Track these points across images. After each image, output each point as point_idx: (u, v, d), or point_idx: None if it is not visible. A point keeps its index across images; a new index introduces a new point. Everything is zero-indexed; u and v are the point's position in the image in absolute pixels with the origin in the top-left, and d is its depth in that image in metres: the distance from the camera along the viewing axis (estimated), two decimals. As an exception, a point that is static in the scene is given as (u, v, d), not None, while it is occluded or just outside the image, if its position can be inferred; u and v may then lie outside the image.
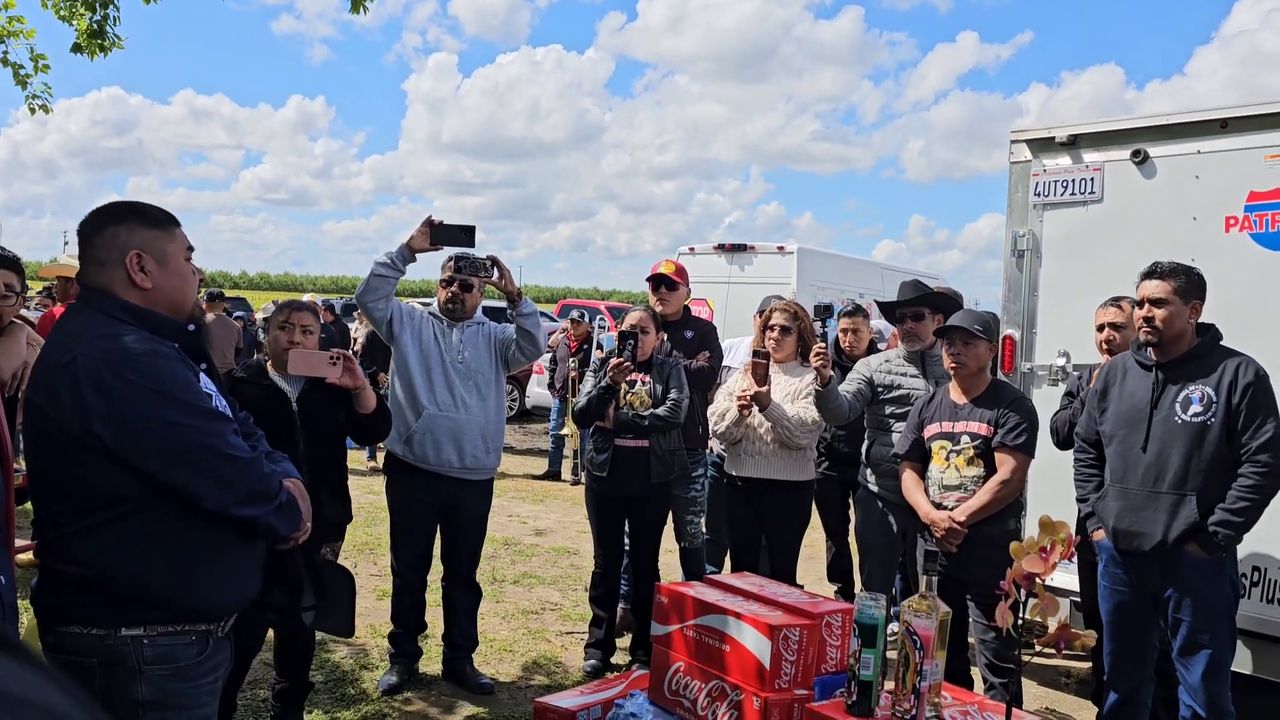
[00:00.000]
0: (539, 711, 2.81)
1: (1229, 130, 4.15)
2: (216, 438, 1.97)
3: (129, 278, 2.01)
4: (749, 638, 2.41)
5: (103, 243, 2.02)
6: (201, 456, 1.95)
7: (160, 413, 1.90)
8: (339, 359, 3.45)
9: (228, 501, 1.99)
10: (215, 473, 1.96)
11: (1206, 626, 3.26)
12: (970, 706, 2.42)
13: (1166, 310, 3.31)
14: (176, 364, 1.99)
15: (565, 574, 6.41)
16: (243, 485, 2.01)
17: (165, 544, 1.96)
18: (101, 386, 1.87)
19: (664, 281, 5.09)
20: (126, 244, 2.01)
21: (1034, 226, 4.76)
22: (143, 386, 1.90)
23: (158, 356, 1.94)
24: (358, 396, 3.55)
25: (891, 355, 4.55)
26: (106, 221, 2.05)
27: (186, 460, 1.93)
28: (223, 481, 1.97)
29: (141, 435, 1.90)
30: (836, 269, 11.43)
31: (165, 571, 1.95)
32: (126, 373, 1.89)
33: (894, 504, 4.28)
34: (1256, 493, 3.18)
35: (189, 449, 1.93)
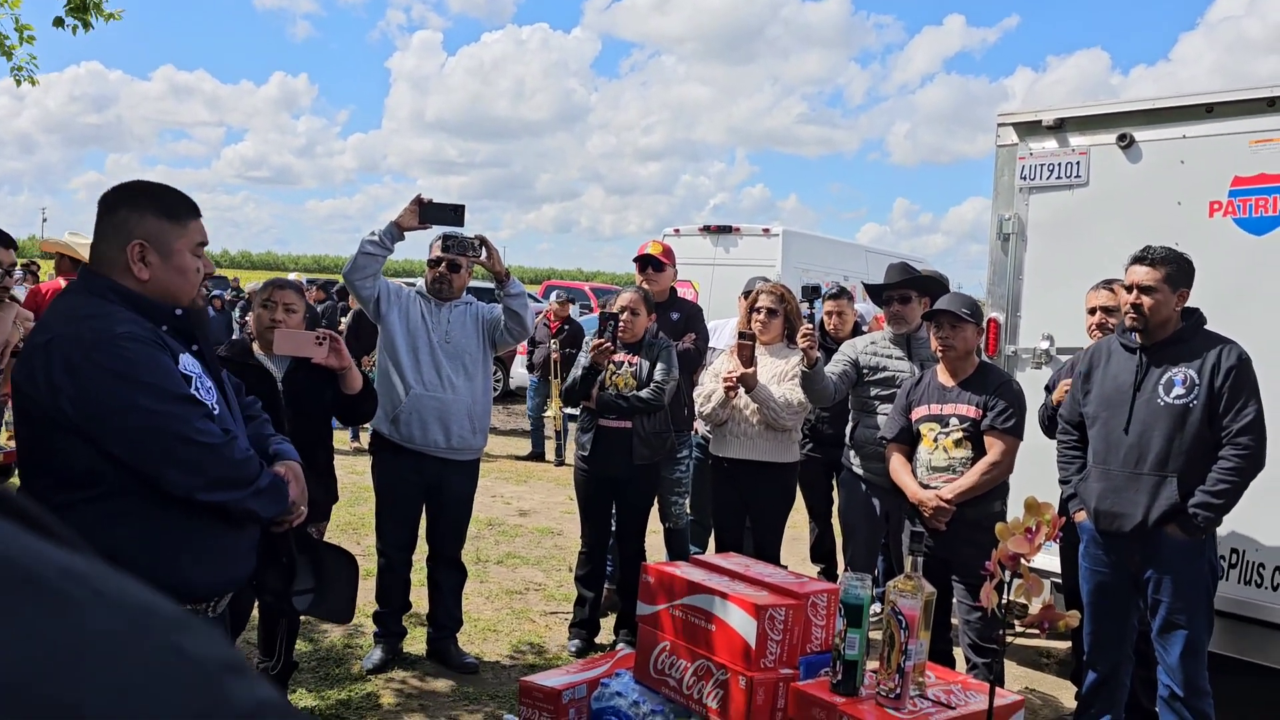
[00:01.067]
0: (524, 690, 2.81)
1: (1214, 115, 4.17)
2: (183, 423, 1.95)
3: (128, 265, 2.00)
4: (735, 617, 2.42)
5: (113, 224, 2.02)
6: (165, 442, 1.94)
7: (125, 397, 1.90)
8: (325, 339, 3.43)
9: (194, 487, 1.97)
10: (180, 458, 1.95)
11: (1185, 607, 3.30)
12: (954, 686, 2.43)
13: (1154, 298, 3.32)
14: (151, 348, 1.97)
15: (549, 554, 6.42)
16: (211, 471, 1.99)
17: (145, 524, 1.95)
18: (71, 368, 1.87)
19: (651, 262, 5.08)
20: (132, 232, 2.00)
21: (1019, 210, 4.77)
22: (110, 370, 1.89)
23: (130, 340, 1.93)
24: (344, 377, 3.53)
25: (877, 337, 4.56)
26: (121, 203, 2.04)
27: (150, 445, 1.93)
28: (188, 467, 1.96)
29: (106, 419, 1.89)
30: (821, 251, 11.44)
31: (146, 551, 1.94)
32: (95, 355, 1.89)
33: (877, 486, 4.30)
34: (1236, 475, 3.21)
35: (153, 434, 1.92)
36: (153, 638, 0.30)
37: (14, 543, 0.29)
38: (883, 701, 2.25)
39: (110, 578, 0.30)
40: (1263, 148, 4.01)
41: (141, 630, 0.29)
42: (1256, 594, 3.94)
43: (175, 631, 0.30)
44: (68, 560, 0.30)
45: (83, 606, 0.28)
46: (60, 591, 0.28)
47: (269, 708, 0.30)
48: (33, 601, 0.27)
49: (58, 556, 0.30)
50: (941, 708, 2.28)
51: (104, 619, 0.29)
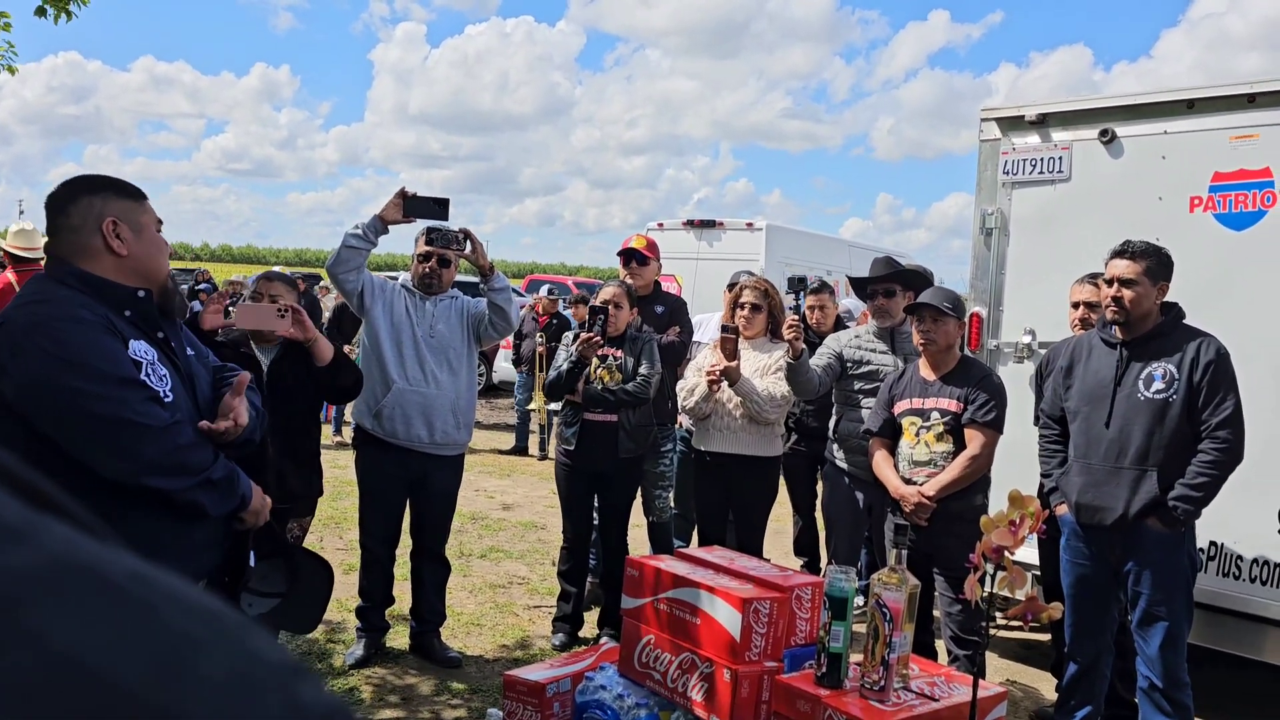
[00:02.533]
0: (508, 684, 2.81)
1: (1195, 111, 4.20)
2: (119, 405, 1.93)
3: (105, 243, 2.01)
4: (720, 611, 2.42)
5: (78, 211, 2.03)
6: (99, 425, 1.92)
7: (61, 379, 1.89)
8: (286, 310, 3.35)
9: (128, 471, 1.95)
10: (114, 441, 1.93)
11: (1165, 599, 3.33)
12: (937, 678, 2.45)
13: (1135, 291, 3.34)
14: (96, 331, 1.96)
15: (532, 548, 6.41)
16: (150, 454, 1.96)
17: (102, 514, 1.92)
18: (16, 350, 1.89)
19: (635, 256, 5.07)
20: (102, 212, 2.03)
21: (1002, 205, 4.79)
22: (49, 352, 1.89)
23: (74, 322, 1.93)
24: (312, 350, 3.46)
25: (861, 331, 4.58)
26: (80, 192, 2.06)
27: (83, 428, 1.92)
28: (121, 451, 1.94)
29: (41, 400, 1.90)
30: (804, 246, 11.46)
31: None
32: (37, 337, 1.90)
33: (861, 479, 4.31)
34: (1216, 468, 3.24)
35: (86, 417, 1.91)
36: (230, 641, 0.29)
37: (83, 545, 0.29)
38: (867, 694, 2.26)
39: (172, 580, 0.30)
40: (1243, 144, 4.04)
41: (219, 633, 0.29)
42: (1235, 586, 3.98)
43: (246, 635, 0.30)
44: (132, 563, 0.30)
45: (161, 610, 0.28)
46: (135, 595, 0.28)
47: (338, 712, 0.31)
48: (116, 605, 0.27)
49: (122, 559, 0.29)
50: (925, 700, 2.30)
51: (182, 622, 0.28)
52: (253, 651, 0.30)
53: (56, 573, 0.27)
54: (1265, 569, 3.92)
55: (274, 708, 0.28)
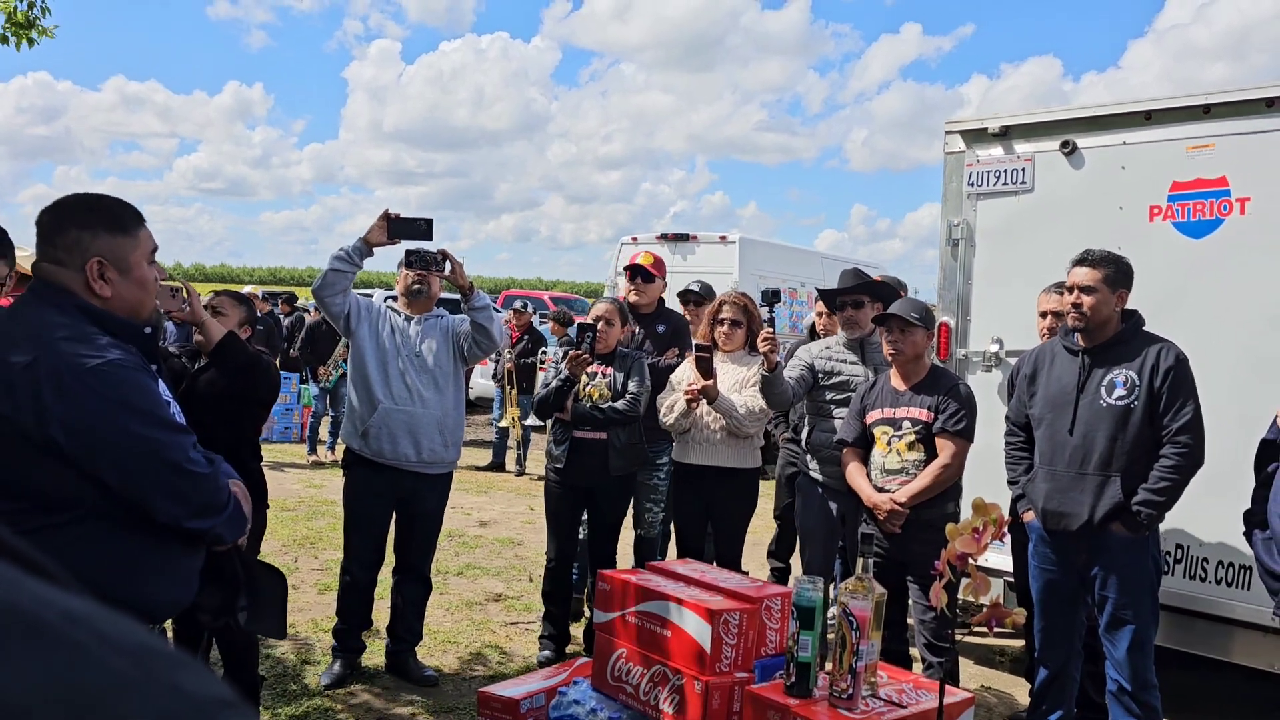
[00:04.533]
0: (483, 701, 2.81)
1: (1153, 122, 4.28)
2: (178, 452, 1.94)
3: (88, 284, 1.95)
4: (690, 622, 2.44)
5: (64, 244, 1.96)
6: (161, 472, 1.92)
7: (123, 425, 1.87)
8: (179, 289, 3.27)
9: (181, 515, 1.96)
10: (173, 488, 1.94)
11: (1131, 603, 3.38)
12: (905, 685, 2.48)
13: (1094, 298, 3.41)
14: (140, 374, 1.95)
15: (510, 565, 6.40)
16: (197, 500, 1.98)
17: (117, 546, 1.92)
18: (64, 393, 1.83)
19: (641, 272, 5.07)
20: (87, 250, 1.95)
21: (968, 216, 4.86)
22: (106, 397, 1.86)
23: (122, 367, 1.91)
24: (201, 332, 3.29)
25: (831, 342, 4.62)
26: (68, 223, 1.98)
27: (146, 474, 1.91)
28: (179, 496, 1.95)
29: (102, 447, 1.86)
30: (778, 258, 11.54)
31: (116, 574, 1.91)
32: (90, 381, 1.85)
33: (834, 489, 4.34)
34: (1177, 473, 3.30)
35: (149, 463, 1.91)
36: (156, 679, 0.30)
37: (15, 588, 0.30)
38: (835, 702, 2.29)
39: (107, 618, 0.31)
40: (1199, 153, 4.13)
41: (145, 671, 0.30)
42: (1201, 588, 4.04)
43: (174, 671, 0.31)
44: (67, 602, 0.31)
45: (89, 650, 0.29)
46: (65, 636, 0.29)
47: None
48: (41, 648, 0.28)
49: (57, 599, 0.30)
50: (893, 706, 2.32)
51: (111, 661, 0.29)
52: (179, 687, 0.31)
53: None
54: (1230, 571, 3.98)
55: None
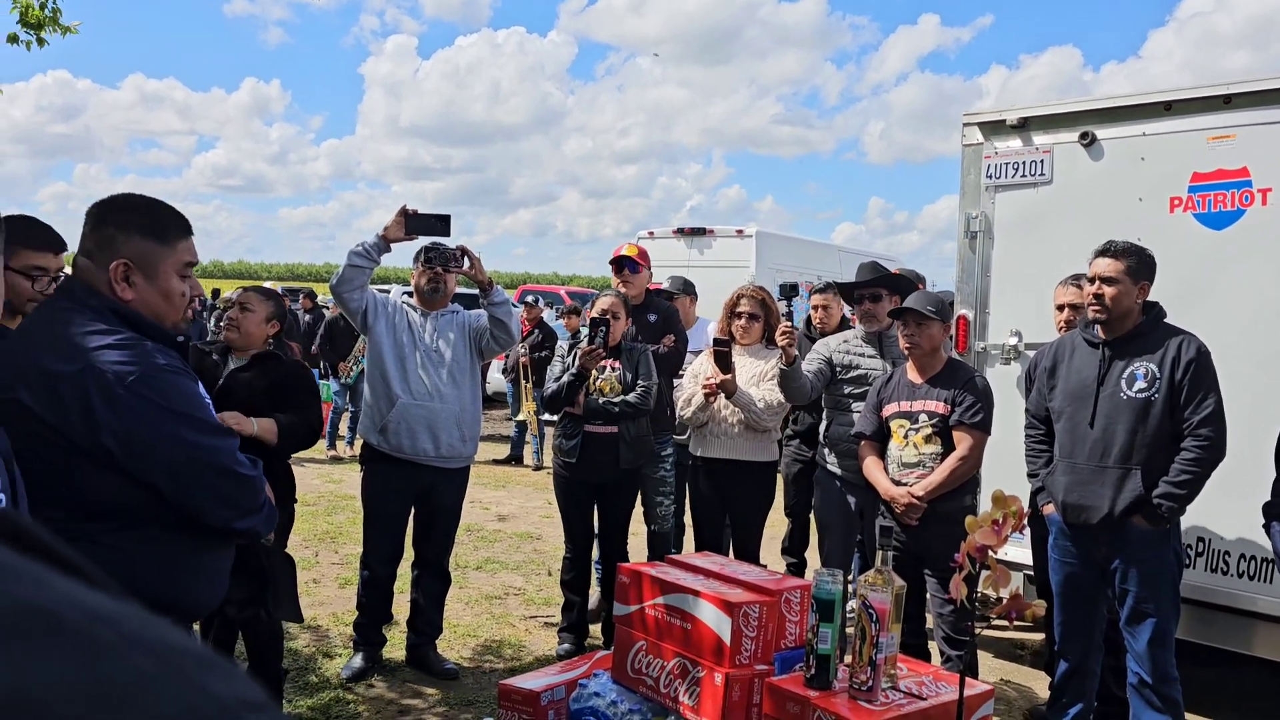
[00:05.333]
0: (503, 693, 2.83)
1: (1173, 112, 4.25)
2: (228, 456, 1.96)
3: (110, 285, 1.94)
4: (709, 615, 2.45)
5: (99, 240, 1.95)
6: (213, 477, 1.94)
7: (174, 432, 1.88)
8: None
9: (230, 518, 1.98)
10: (223, 492, 1.96)
11: (1151, 596, 3.37)
12: (925, 677, 2.48)
13: (1116, 289, 3.39)
14: (185, 378, 1.96)
15: (528, 559, 6.43)
16: (244, 502, 2.00)
17: (163, 549, 1.94)
18: (115, 403, 1.82)
19: (627, 264, 5.10)
20: (118, 251, 1.94)
21: (986, 208, 4.84)
22: (156, 405, 1.86)
23: (168, 372, 1.91)
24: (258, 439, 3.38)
25: (849, 336, 4.61)
26: (109, 220, 1.96)
27: (198, 480, 1.92)
28: (229, 500, 1.97)
29: (155, 455, 1.87)
30: (795, 252, 11.52)
31: (162, 576, 1.93)
32: (140, 389, 1.84)
33: (852, 483, 4.34)
34: (1198, 465, 3.28)
35: (201, 469, 1.92)
36: (180, 679, 0.31)
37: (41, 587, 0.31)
38: (855, 694, 2.29)
39: (135, 617, 0.32)
40: (1220, 144, 4.10)
41: (169, 670, 0.31)
42: (1223, 581, 4.02)
43: (200, 671, 0.32)
44: (95, 601, 0.31)
45: (113, 649, 0.30)
46: (90, 636, 0.30)
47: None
48: (62, 645, 0.29)
49: (84, 598, 0.31)
50: (913, 699, 2.33)
51: (134, 661, 0.30)
52: (203, 687, 0.31)
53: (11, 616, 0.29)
54: (1252, 564, 3.96)
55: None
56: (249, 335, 3.65)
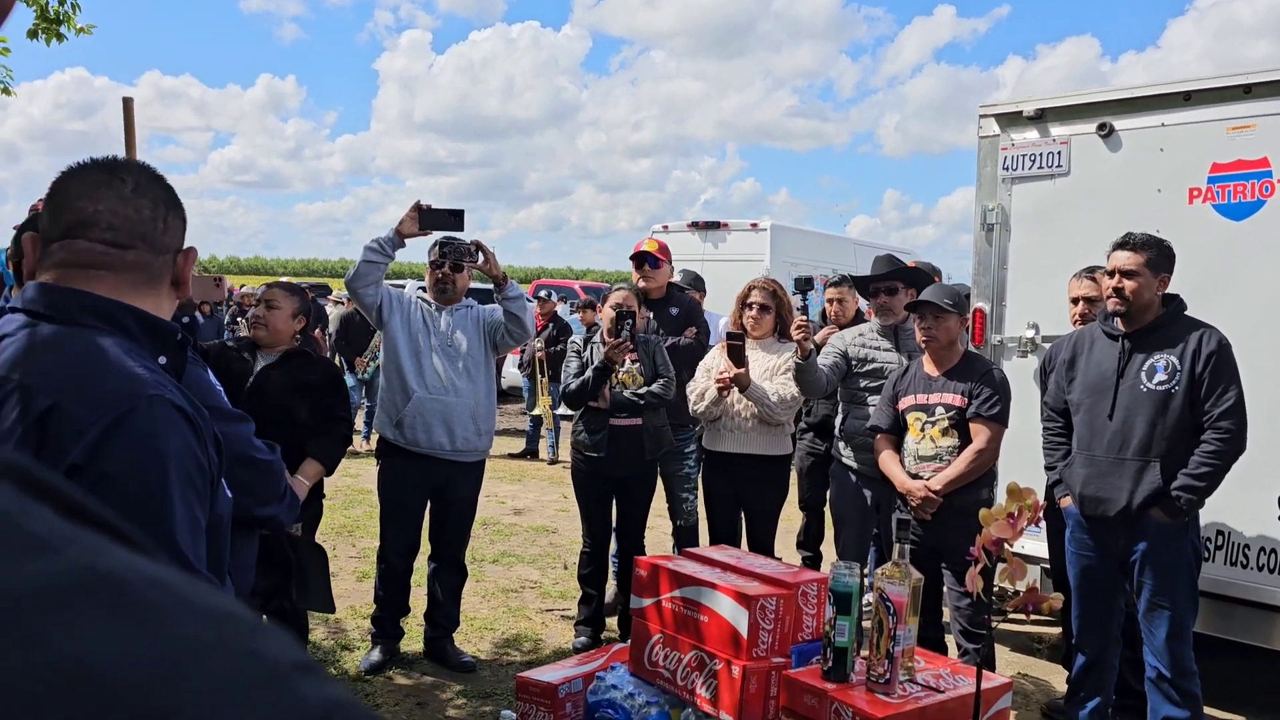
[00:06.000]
0: (521, 685, 2.85)
1: (1192, 103, 4.21)
2: (244, 443, 1.94)
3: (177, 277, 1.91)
4: (726, 608, 2.46)
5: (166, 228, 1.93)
6: (228, 464, 1.93)
7: None
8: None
9: (249, 505, 1.97)
10: (240, 480, 1.93)
11: (1169, 589, 3.35)
12: (943, 670, 2.48)
13: (1136, 282, 3.37)
14: (196, 367, 1.93)
15: (544, 553, 6.45)
16: (264, 489, 1.99)
17: None
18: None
19: (647, 259, 5.10)
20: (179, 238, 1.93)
21: (1003, 200, 4.82)
22: None
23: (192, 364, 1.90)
24: None
25: (865, 329, 4.60)
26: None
27: None
28: (246, 488, 1.95)
29: None
30: (810, 245, 11.49)
31: None
32: None
33: (868, 476, 4.34)
34: (1218, 458, 3.26)
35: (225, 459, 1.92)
36: (233, 642, 0.31)
37: (106, 554, 0.31)
38: (873, 687, 2.29)
39: (188, 584, 0.32)
40: (1240, 134, 4.06)
41: (223, 635, 0.31)
42: (1241, 575, 3.99)
43: (251, 635, 0.32)
44: (153, 569, 0.32)
45: (171, 614, 0.31)
46: (150, 600, 0.31)
47: (340, 706, 0.32)
48: (129, 610, 0.30)
49: (144, 565, 0.32)
50: (931, 691, 2.33)
51: (189, 625, 0.31)
52: (256, 651, 0.32)
53: (76, 582, 0.30)
54: (1272, 557, 3.93)
55: (275, 705, 0.30)
56: (277, 332, 3.68)
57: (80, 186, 1.41)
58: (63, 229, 1.40)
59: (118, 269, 1.41)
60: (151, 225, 1.43)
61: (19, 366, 1.34)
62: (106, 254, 1.39)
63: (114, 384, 1.36)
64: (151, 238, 1.43)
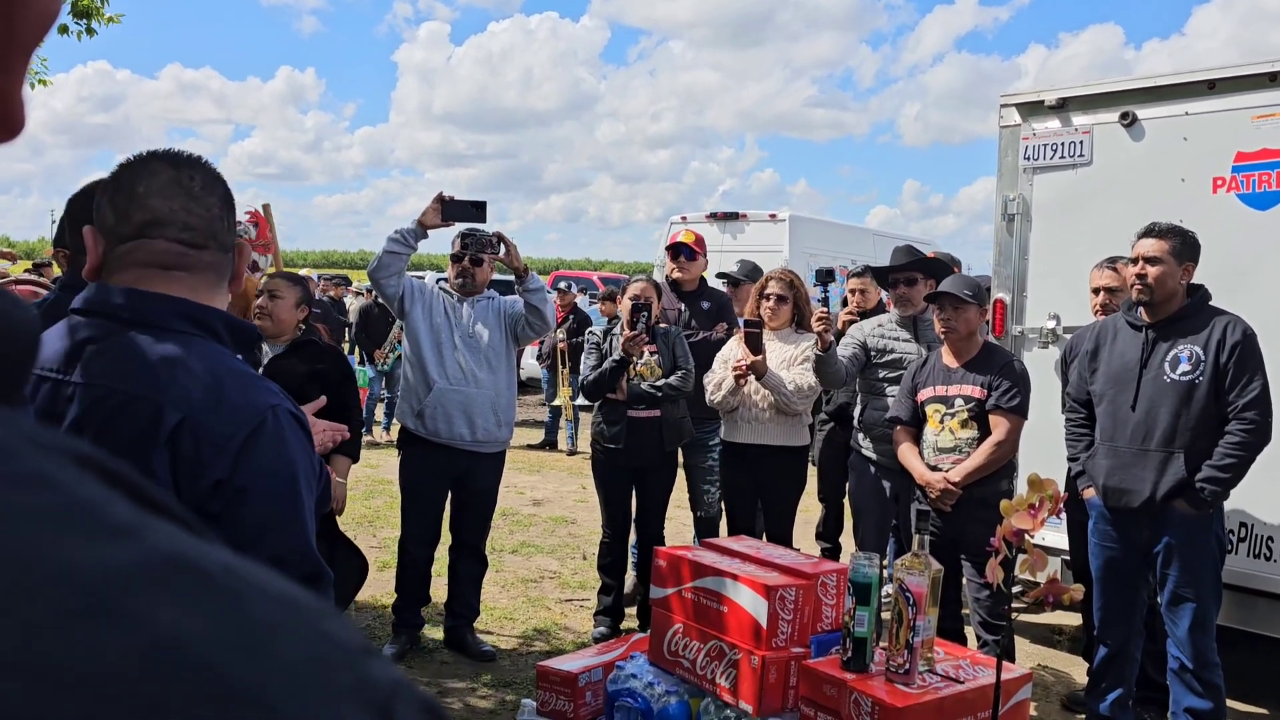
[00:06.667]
0: (541, 674, 2.86)
1: (1217, 91, 4.17)
2: None
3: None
4: (746, 598, 2.46)
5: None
6: None
7: None
8: None
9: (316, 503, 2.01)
10: None
11: (1193, 581, 3.33)
12: (963, 661, 2.47)
13: (1160, 269, 3.35)
14: None
15: (563, 543, 6.48)
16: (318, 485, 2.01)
17: None
18: None
19: (683, 250, 5.09)
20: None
21: (1024, 190, 4.79)
22: None
23: None
24: None
25: (884, 319, 4.59)
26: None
27: None
28: None
29: None
30: (829, 236, 11.45)
31: None
32: None
33: (887, 468, 4.33)
34: (1243, 449, 3.24)
35: None
36: (307, 625, 0.33)
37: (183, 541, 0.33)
38: (892, 677, 2.29)
39: (256, 569, 0.34)
40: (1265, 122, 4.02)
41: (297, 618, 0.33)
42: (1266, 567, 3.96)
43: (321, 618, 0.34)
44: (224, 555, 0.33)
45: (247, 598, 0.32)
46: (226, 585, 0.32)
47: (402, 687, 0.34)
48: (210, 593, 0.31)
49: (216, 551, 0.33)
50: (950, 682, 2.33)
51: (265, 609, 0.32)
52: (327, 634, 0.33)
53: (161, 566, 0.31)
54: (1296, 549, 3.90)
55: (346, 684, 0.32)
56: (281, 322, 3.72)
57: (151, 184, 1.38)
58: (135, 227, 1.37)
59: (194, 269, 1.39)
60: (220, 223, 1.42)
61: (129, 379, 1.32)
62: (185, 254, 1.38)
63: (241, 396, 1.36)
64: (220, 236, 1.43)
